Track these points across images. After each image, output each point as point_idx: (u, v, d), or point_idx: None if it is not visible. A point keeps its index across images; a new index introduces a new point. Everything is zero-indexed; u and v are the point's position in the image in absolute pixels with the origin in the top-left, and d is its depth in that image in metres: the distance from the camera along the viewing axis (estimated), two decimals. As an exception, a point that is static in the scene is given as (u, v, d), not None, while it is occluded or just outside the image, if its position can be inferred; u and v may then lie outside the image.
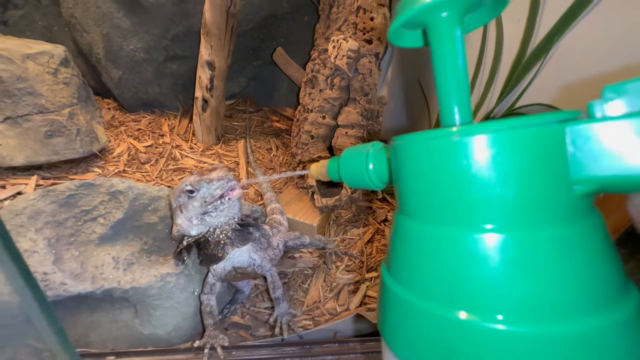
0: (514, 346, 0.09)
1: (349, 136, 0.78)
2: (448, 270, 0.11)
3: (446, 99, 0.13)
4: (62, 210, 0.47)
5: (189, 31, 0.91)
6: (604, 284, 0.10)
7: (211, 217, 0.42)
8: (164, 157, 0.86)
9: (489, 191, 0.11)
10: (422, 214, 0.13)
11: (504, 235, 0.10)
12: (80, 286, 0.42)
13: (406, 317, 0.12)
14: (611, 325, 0.10)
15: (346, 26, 0.76)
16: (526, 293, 0.10)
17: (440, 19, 0.13)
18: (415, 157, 0.13)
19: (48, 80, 0.74)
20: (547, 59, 0.56)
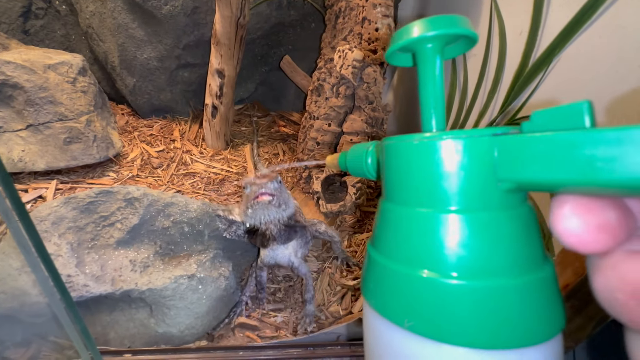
0: (463, 295, 0.14)
1: (353, 143, 0.81)
2: (416, 241, 0.15)
3: (425, 110, 0.18)
4: (83, 216, 0.50)
5: (200, 40, 0.94)
6: (525, 255, 0.14)
7: (252, 211, 0.49)
8: (175, 162, 0.90)
9: (442, 182, 0.15)
10: (399, 198, 0.17)
11: (454, 215, 0.14)
12: (101, 288, 0.45)
13: (383, 278, 0.16)
14: (529, 284, 0.14)
15: (352, 36, 0.78)
16: (471, 258, 0.14)
17: (426, 48, 0.17)
18: (392, 154, 0.17)
19: (67, 89, 0.78)
20: (548, 71, 0.58)
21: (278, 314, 0.61)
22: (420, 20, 0.16)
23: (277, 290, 0.66)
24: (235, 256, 0.64)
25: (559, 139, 0.12)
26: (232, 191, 0.86)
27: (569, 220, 0.12)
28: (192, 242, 0.57)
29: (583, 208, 0.12)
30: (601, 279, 0.12)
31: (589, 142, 0.11)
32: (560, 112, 0.13)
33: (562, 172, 0.12)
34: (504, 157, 0.14)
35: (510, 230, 0.14)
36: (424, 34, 0.16)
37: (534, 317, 0.14)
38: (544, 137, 0.13)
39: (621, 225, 0.12)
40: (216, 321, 0.57)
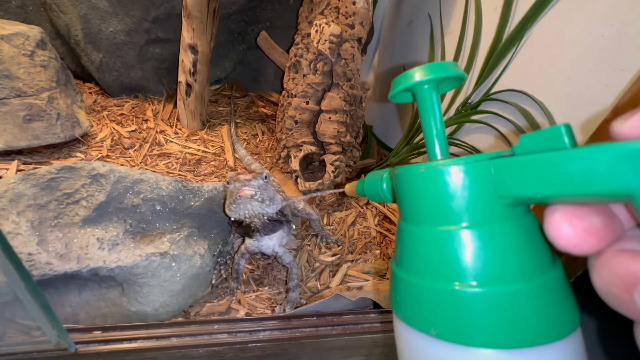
0: (481, 301, 0.15)
1: (332, 121, 0.80)
2: (433, 256, 0.17)
3: (429, 140, 0.20)
4: (44, 193, 0.47)
5: (171, 13, 0.89)
6: (533, 260, 0.16)
7: (235, 206, 0.50)
8: (148, 142, 0.86)
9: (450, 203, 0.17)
10: (414, 219, 0.19)
11: (464, 230, 0.16)
12: (66, 265, 0.43)
13: (407, 292, 0.18)
14: (539, 285, 0.15)
15: (329, 10, 0.76)
16: (484, 267, 0.16)
17: (423, 88, 0.20)
18: (404, 181, 0.19)
19: (24, 63, 0.73)
20: (520, 46, 0.58)
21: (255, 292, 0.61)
22: (419, 67, 0.19)
23: (256, 269, 0.66)
24: (211, 235, 0.63)
25: (543, 159, 0.14)
26: (209, 172, 0.84)
27: (559, 226, 0.14)
28: (165, 221, 0.56)
29: (571, 215, 0.14)
30: (597, 277, 0.13)
31: (567, 161, 0.13)
32: (544, 134, 0.15)
33: (548, 187, 0.14)
34: (500, 177, 0.16)
35: (515, 239, 0.16)
36: (422, 79, 0.19)
37: (548, 315, 0.15)
38: (530, 157, 0.15)
39: (606, 228, 0.14)
40: (192, 299, 0.56)
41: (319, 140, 0.83)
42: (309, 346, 0.46)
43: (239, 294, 0.60)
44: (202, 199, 0.58)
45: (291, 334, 0.45)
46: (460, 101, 0.73)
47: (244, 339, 0.44)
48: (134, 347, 0.41)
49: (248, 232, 0.55)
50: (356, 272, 0.67)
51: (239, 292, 0.60)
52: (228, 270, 0.63)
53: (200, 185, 0.59)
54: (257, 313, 0.56)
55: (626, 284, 0.12)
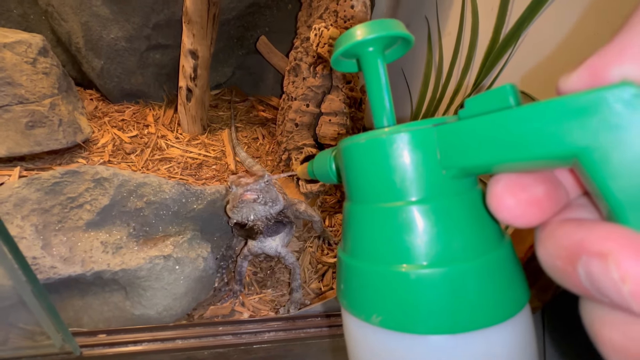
0: (423, 283, 0.14)
1: (332, 123, 0.80)
2: (375, 236, 0.16)
3: (376, 109, 0.18)
4: (48, 197, 0.48)
5: (171, 20, 0.90)
6: (480, 237, 0.15)
7: (238, 210, 0.51)
8: (150, 147, 0.87)
9: (392, 176, 0.15)
10: (356, 197, 0.17)
11: (407, 206, 0.15)
12: (70, 269, 0.44)
13: (351, 278, 0.16)
14: (486, 265, 0.14)
15: (327, 14, 0.77)
16: (427, 246, 0.14)
17: (368, 52, 0.18)
18: (346, 156, 0.17)
19: (27, 70, 0.73)
20: (517, 46, 0.59)
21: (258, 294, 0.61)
22: (361, 24, 0.17)
23: (259, 271, 0.66)
24: (214, 238, 0.63)
25: (485, 121, 0.13)
26: (211, 175, 0.85)
27: (501, 198, 0.13)
28: (168, 224, 0.56)
29: (513, 185, 0.13)
30: (541, 249, 0.12)
31: (509, 121, 0.12)
32: (489, 96, 0.13)
33: (491, 153, 0.13)
34: (444, 145, 0.14)
35: (461, 214, 0.14)
36: (365, 38, 0.17)
37: (496, 295, 0.14)
38: (473, 121, 0.13)
39: (550, 198, 0.13)
40: (195, 302, 0.56)
41: (320, 143, 0.83)
42: (314, 347, 0.46)
43: (242, 296, 0.60)
44: (205, 202, 0.59)
45: (296, 334, 0.45)
46: (459, 101, 0.73)
47: (249, 340, 0.44)
48: (139, 349, 0.41)
49: (251, 234, 0.55)
50: (359, 273, 0.67)
51: (242, 294, 0.60)
52: (230, 274, 0.63)
53: (203, 189, 0.59)
54: (261, 315, 0.56)
55: (570, 255, 0.11)
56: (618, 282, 0.09)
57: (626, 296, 0.09)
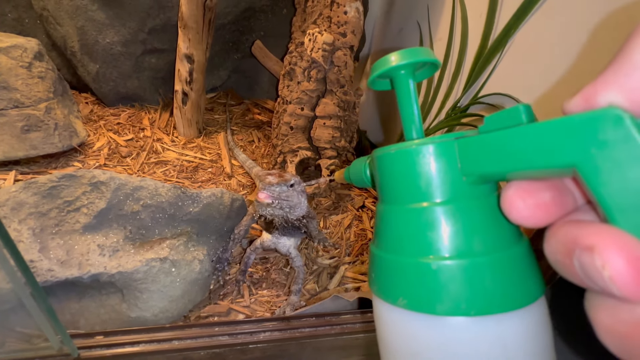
0: (448, 273, 0.16)
1: (327, 127, 0.82)
2: (405, 232, 0.18)
3: (406, 123, 0.21)
4: (45, 201, 0.48)
5: (167, 24, 0.91)
6: (497, 236, 0.17)
7: (257, 205, 0.51)
8: (146, 151, 0.87)
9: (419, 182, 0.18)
10: (390, 198, 0.19)
11: (432, 207, 0.17)
12: (67, 272, 0.44)
13: (381, 268, 0.19)
14: (501, 260, 0.16)
15: (321, 20, 0.78)
16: (451, 241, 0.17)
17: (400, 74, 0.21)
18: (378, 163, 0.20)
19: (22, 75, 0.74)
20: (504, 51, 0.61)
21: (254, 295, 0.62)
22: (396, 52, 0.20)
23: (255, 272, 0.67)
24: (210, 241, 0.64)
25: (500, 136, 0.15)
26: (206, 178, 0.85)
27: (512, 201, 0.15)
28: (164, 227, 0.57)
29: (523, 191, 0.15)
30: (547, 246, 0.14)
31: (520, 136, 0.14)
32: (505, 114, 0.15)
33: (505, 163, 0.15)
34: (464, 155, 0.17)
35: (479, 215, 0.17)
36: (399, 64, 0.20)
37: (508, 286, 0.16)
38: (489, 135, 0.16)
39: (556, 203, 0.15)
40: (191, 304, 0.57)
41: (314, 146, 0.85)
42: (309, 346, 0.47)
43: (244, 287, 0.61)
44: (201, 205, 0.59)
45: (291, 334, 0.46)
46: (450, 104, 0.75)
47: (245, 340, 0.44)
48: (136, 350, 0.41)
49: (269, 228, 0.57)
50: (353, 274, 0.68)
51: (244, 285, 0.61)
52: (225, 277, 0.64)
53: (199, 192, 0.60)
54: (257, 316, 0.57)
55: (567, 250, 0.13)
56: (600, 269, 0.11)
57: (607, 281, 0.11)
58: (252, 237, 0.72)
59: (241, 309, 0.58)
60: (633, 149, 0.11)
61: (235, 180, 0.87)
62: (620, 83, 0.12)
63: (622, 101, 0.12)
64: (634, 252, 0.11)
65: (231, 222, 0.66)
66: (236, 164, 0.93)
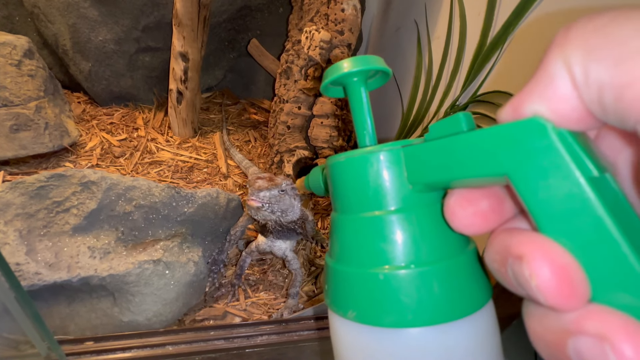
0: (393, 282, 0.16)
1: (324, 126, 0.81)
2: (354, 242, 0.18)
3: (359, 130, 0.21)
4: (33, 202, 0.46)
5: (161, 22, 0.90)
6: (443, 244, 0.16)
7: (248, 209, 0.51)
8: (139, 151, 0.86)
9: (367, 190, 0.17)
10: (341, 207, 0.19)
11: (384, 216, 0.17)
12: (55, 275, 0.42)
13: (333, 279, 0.18)
14: (446, 268, 0.16)
15: (318, 17, 0.77)
16: (404, 249, 0.16)
17: (353, 81, 0.20)
18: (330, 171, 0.20)
19: (11, 73, 0.72)
20: (503, 49, 0.61)
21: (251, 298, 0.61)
22: (348, 59, 0.20)
23: (251, 274, 0.65)
24: (205, 242, 0.62)
25: (441, 144, 0.15)
26: (202, 179, 0.84)
27: (452, 210, 0.15)
28: (158, 228, 0.55)
29: (463, 199, 0.15)
30: (485, 254, 0.14)
31: (458, 144, 0.14)
32: (447, 122, 0.15)
33: (446, 172, 0.15)
34: (410, 163, 0.16)
35: (425, 223, 0.16)
36: (350, 70, 0.20)
37: (453, 295, 0.16)
38: (432, 143, 0.15)
39: (494, 211, 0.15)
40: (186, 308, 0.55)
41: (312, 145, 0.84)
42: (307, 350, 0.46)
43: (239, 291, 0.59)
44: (196, 205, 0.58)
45: (288, 337, 0.45)
46: (449, 102, 0.74)
47: (241, 344, 0.43)
48: (128, 356, 0.40)
49: (264, 231, 0.56)
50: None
51: (240, 289, 0.60)
52: (221, 279, 0.62)
53: (194, 192, 0.58)
54: (254, 319, 0.56)
55: (502, 258, 0.13)
56: (528, 278, 0.11)
57: (534, 290, 0.11)
58: (248, 238, 0.70)
59: (238, 312, 0.57)
60: (555, 157, 0.11)
61: (232, 180, 0.86)
62: (540, 93, 0.12)
63: (545, 111, 0.12)
64: (559, 261, 0.11)
65: (227, 222, 0.64)
66: (232, 164, 0.91)
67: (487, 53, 0.63)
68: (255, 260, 0.67)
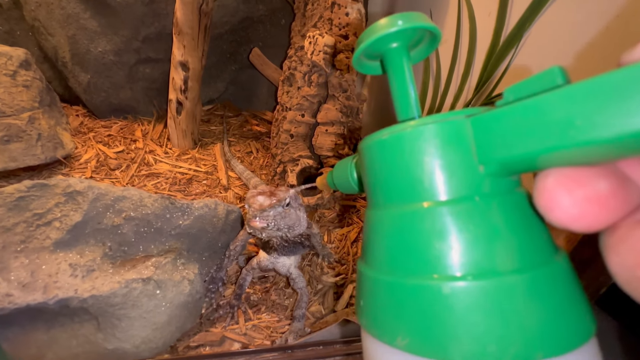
0: (471, 297, 0.11)
1: (329, 134, 0.77)
2: (412, 244, 0.13)
3: (400, 102, 0.17)
4: (11, 214, 0.42)
5: (162, 33, 0.88)
6: (529, 248, 0.12)
7: (251, 229, 0.45)
8: (136, 163, 0.82)
9: (423, 174, 0.13)
10: (382, 200, 0.15)
11: (439, 208, 0.12)
12: (29, 297, 0.37)
13: (378, 294, 0.14)
14: (538, 281, 0.12)
15: (322, 22, 0.75)
16: (477, 253, 0.12)
17: (391, 49, 0.17)
18: (366, 156, 0.15)
19: (5, 83, 0.69)
20: (519, 46, 0.57)
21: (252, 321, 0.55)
22: (384, 19, 0.16)
23: (252, 293, 0.60)
24: (202, 258, 0.57)
25: (530, 105, 0.11)
26: (201, 191, 0.80)
27: (552, 195, 0.11)
28: (150, 242, 0.50)
29: (568, 180, 0.11)
30: (615, 258, 0.11)
31: (562, 101, 0.10)
32: (532, 82, 0.12)
33: (539, 142, 0.11)
34: (480, 137, 0.13)
35: (502, 217, 0.12)
36: (388, 31, 0.15)
37: (550, 320, 0.11)
38: (515, 106, 0.11)
39: (616, 195, 0.11)
40: (180, 332, 0.49)
41: (316, 154, 0.79)
42: (316, 382, 0.40)
43: (239, 313, 0.54)
44: (192, 217, 0.53)
45: (295, 367, 0.39)
46: (460, 107, 0.71)
47: (240, 376, 0.37)
48: (107, 393, 0.34)
49: (266, 247, 0.52)
50: (363, 293, 0.61)
51: (239, 311, 0.54)
52: (219, 299, 0.56)
53: (190, 203, 0.54)
54: (255, 345, 0.50)
55: None
56: None
57: None
58: (249, 253, 0.65)
59: (237, 336, 0.51)
60: None
61: (232, 192, 0.81)
62: None
63: None
64: None
65: (226, 236, 0.59)
66: (233, 176, 0.87)
67: (501, 52, 0.60)
68: (256, 278, 0.62)
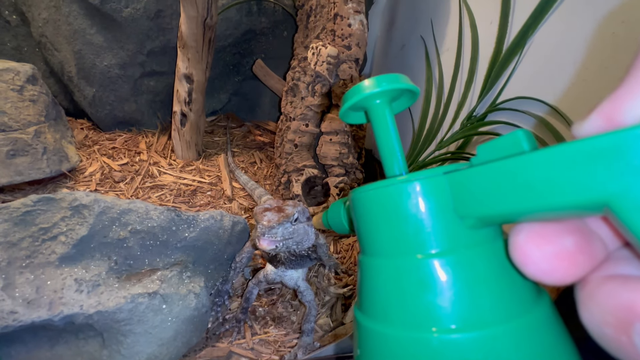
0: (464, 350, 0.12)
1: (333, 143, 0.77)
2: (401, 295, 0.14)
3: (386, 158, 0.18)
4: (17, 229, 0.42)
5: (166, 46, 0.90)
6: (515, 295, 0.13)
7: (259, 245, 0.43)
8: (141, 175, 0.82)
9: (408, 227, 0.14)
10: (372, 249, 0.15)
11: (433, 259, 0.13)
12: (34, 314, 0.37)
13: (374, 345, 0.14)
14: (522, 329, 0.12)
15: (324, 33, 0.76)
16: (465, 304, 0.12)
17: (376, 104, 0.18)
18: (355, 206, 0.16)
19: (12, 98, 0.70)
20: (523, 54, 0.57)
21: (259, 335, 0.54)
22: (368, 79, 0.17)
23: (259, 306, 0.58)
24: (208, 270, 0.56)
25: (499, 167, 0.12)
26: (205, 202, 0.79)
27: (524, 250, 0.12)
28: (156, 256, 0.49)
29: (537, 236, 0.11)
30: (585, 314, 0.11)
31: (525, 167, 0.11)
32: (501, 141, 0.13)
33: (508, 201, 0.12)
34: (457, 193, 0.13)
35: (487, 267, 0.13)
36: (372, 91, 0.17)
37: None
38: (485, 167, 0.12)
39: (583, 250, 0.11)
40: (186, 348, 0.48)
41: (321, 164, 0.79)
42: (328, 399, 0.38)
43: (246, 327, 0.53)
44: (198, 229, 0.53)
45: (305, 384, 0.38)
46: (464, 115, 0.70)
47: (249, 395, 0.36)
48: (113, 414, 0.33)
49: (273, 261, 0.51)
50: (372, 305, 0.60)
51: (246, 325, 0.53)
52: (226, 313, 0.55)
53: (196, 215, 0.53)
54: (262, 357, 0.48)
55: (621, 321, 0.10)
56: None
57: None
58: (255, 265, 0.64)
59: (244, 351, 0.50)
60: None
61: (237, 203, 0.81)
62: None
63: None
64: None
65: (232, 248, 0.59)
66: (237, 187, 0.87)
67: (505, 59, 0.60)
68: (263, 291, 0.61)
